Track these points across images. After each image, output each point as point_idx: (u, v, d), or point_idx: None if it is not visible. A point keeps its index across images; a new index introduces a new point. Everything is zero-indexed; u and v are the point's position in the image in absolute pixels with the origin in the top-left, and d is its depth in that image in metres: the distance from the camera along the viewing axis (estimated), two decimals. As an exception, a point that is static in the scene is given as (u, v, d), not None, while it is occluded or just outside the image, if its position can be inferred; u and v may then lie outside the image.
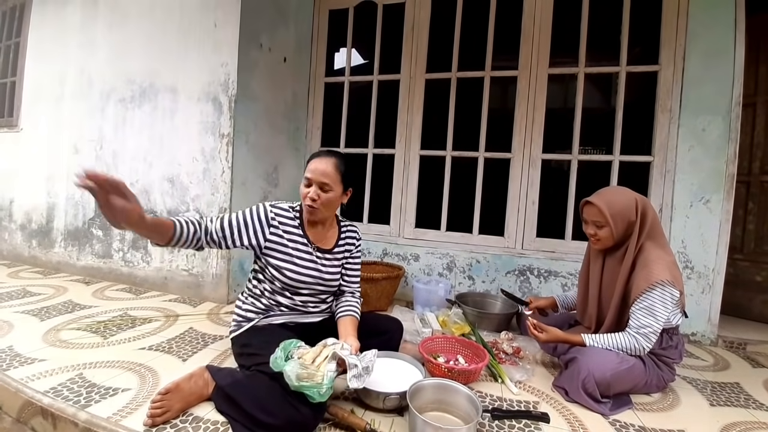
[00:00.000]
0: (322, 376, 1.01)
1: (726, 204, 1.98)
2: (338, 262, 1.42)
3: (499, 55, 2.46)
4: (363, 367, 1.07)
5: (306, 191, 1.29)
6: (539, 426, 1.17)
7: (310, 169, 1.28)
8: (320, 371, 1.02)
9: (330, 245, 1.40)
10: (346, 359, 1.07)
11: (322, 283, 1.37)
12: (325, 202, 1.28)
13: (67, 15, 2.73)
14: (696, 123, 2.03)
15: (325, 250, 1.38)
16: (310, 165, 1.30)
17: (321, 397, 0.99)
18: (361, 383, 1.06)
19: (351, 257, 1.46)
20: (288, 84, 2.65)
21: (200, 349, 1.59)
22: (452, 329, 1.84)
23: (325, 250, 1.38)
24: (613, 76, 2.34)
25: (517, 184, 2.38)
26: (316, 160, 1.30)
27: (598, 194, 1.44)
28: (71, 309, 1.98)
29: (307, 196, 1.28)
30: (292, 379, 0.99)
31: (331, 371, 1.04)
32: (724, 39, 1.98)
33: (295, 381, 0.99)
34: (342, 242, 1.43)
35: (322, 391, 0.99)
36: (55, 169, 2.76)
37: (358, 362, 1.07)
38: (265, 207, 1.33)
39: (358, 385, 1.06)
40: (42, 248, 2.82)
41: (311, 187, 1.28)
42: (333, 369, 1.05)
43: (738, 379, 1.62)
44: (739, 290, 2.30)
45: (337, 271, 1.41)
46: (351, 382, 1.05)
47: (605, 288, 1.47)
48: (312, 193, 1.27)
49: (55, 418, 1.11)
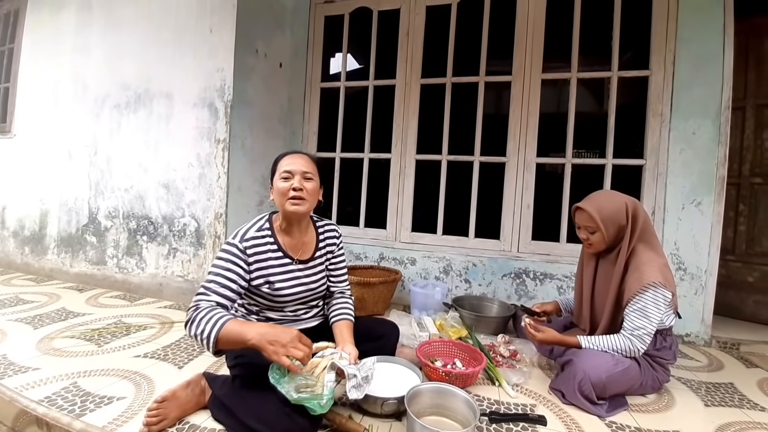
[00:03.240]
0: (322, 386, 1.00)
1: (717, 206, 2.01)
2: (322, 266, 1.36)
3: (493, 60, 2.49)
4: (362, 377, 1.06)
5: (287, 185, 1.20)
6: (536, 429, 1.18)
7: (286, 164, 1.23)
8: (320, 382, 1.00)
9: (310, 253, 1.33)
10: (345, 370, 1.04)
11: (310, 293, 1.32)
12: (311, 192, 1.22)
13: (62, 20, 2.73)
14: (686, 126, 2.06)
15: (306, 260, 1.31)
16: (283, 162, 1.24)
17: (322, 408, 0.98)
18: (361, 393, 1.05)
19: (334, 257, 1.41)
20: (284, 89, 2.65)
21: (196, 356, 1.58)
22: (449, 333, 1.85)
23: (306, 260, 1.31)
24: (605, 80, 2.38)
25: (512, 188, 2.40)
26: (289, 156, 1.26)
27: (588, 199, 1.45)
28: (65, 317, 1.96)
29: (289, 190, 1.19)
30: (292, 393, 0.97)
31: (331, 381, 1.02)
32: (713, 44, 2.01)
33: (295, 394, 0.97)
34: (322, 245, 1.37)
35: (322, 402, 0.98)
36: (49, 175, 2.74)
37: (357, 372, 1.05)
38: (237, 247, 1.18)
39: (358, 395, 1.05)
40: (35, 255, 2.79)
41: (293, 179, 1.20)
42: (332, 379, 1.03)
43: (732, 379, 1.64)
44: (731, 291, 2.33)
45: (322, 276, 1.36)
46: (350, 393, 1.04)
47: (599, 290, 1.49)
48: (296, 183, 1.19)
49: (50, 427, 1.10)
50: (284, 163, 1.24)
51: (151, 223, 2.40)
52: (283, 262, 1.26)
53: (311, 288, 1.32)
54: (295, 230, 1.29)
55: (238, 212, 2.26)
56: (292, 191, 1.19)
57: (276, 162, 1.28)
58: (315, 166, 1.27)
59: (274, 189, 1.25)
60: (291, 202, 1.20)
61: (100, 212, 2.56)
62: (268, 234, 1.26)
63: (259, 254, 1.22)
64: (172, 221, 2.34)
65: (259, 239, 1.23)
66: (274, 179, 1.26)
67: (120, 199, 2.49)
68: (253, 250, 1.21)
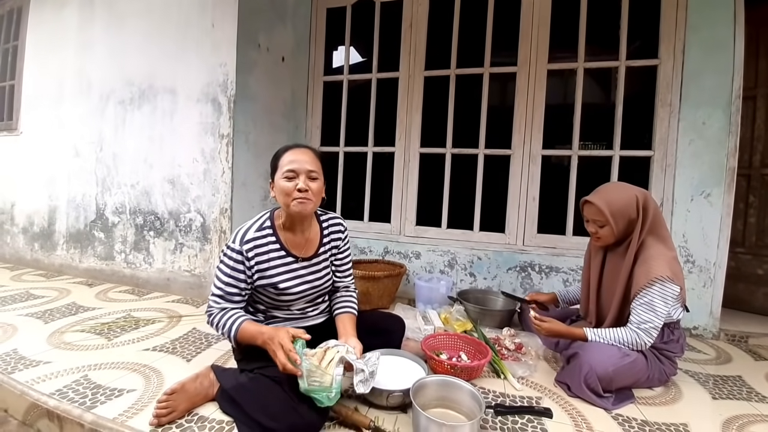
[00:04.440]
0: (331, 379, 1.01)
1: (727, 197, 1.97)
2: (326, 263, 1.33)
3: (497, 51, 2.45)
4: (369, 371, 1.07)
5: (291, 185, 1.14)
6: (542, 421, 1.18)
7: (289, 161, 1.16)
8: (328, 374, 1.01)
9: (313, 249, 1.29)
10: (354, 364, 1.06)
11: (315, 290, 1.30)
12: (316, 192, 1.18)
13: (65, 17, 2.73)
14: (696, 116, 2.02)
15: (309, 257, 1.28)
16: (285, 158, 1.17)
17: (330, 401, 0.99)
18: (368, 388, 1.07)
19: (339, 252, 1.37)
20: (287, 83, 2.64)
21: (204, 349, 1.60)
22: (454, 326, 1.85)
23: (309, 257, 1.28)
24: (612, 70, 2.34)
25: (518, 181, 2.37)
26: (292, 151, 1.19)
27: (597, 192, 1.42)
28: (75, 311, 1.99)
29: (294, 190, 1.14)
30: (304, 380, 0.98)
31: (339, 375, 1.03)
32: (724, 31, 1.96)
33: (307, 384, 0.98)
34: (326, 240, 1.32)
35: (331, 395, 0.99)
36: (56, 172, 2.77)
37: (365, 367, 1.07)
38: (237, 251, 1.17)
39: (365, 390, 1.06)
40: (44, 251, 2.83)
41: (298, 179, 1.15)
42: (340, 373, 1.04)
43: (740, 372, 1.62)
44: (740, 283, 2.30)
45: (327, 273, 1.33)
46: (358, 387, 1.06)
47: (606, 283, 1.47)
48: (301, 183, 1.14)
49: (61, 419, 1.12)
50: (287, 160, 1.17)
51: (158, 219, 2.42)
52: (286, 261, 1.24)
53: (316, 285, 1.30)
54: (298, 228, 1.26)
55: (242, 207, 2.26)
56: (296, 192, 1.14)
57: (277, 156, 1.21)
58: (319, 162, 1.22)
59: (277, 187, 1.18)
60: (297, 203, 1.15)
61: (107, 208, 2.58)
62: (269, 233, 1.23)
63: (261, 255, 1.20)
64: (178, 216, 2.35)
65: (261, 239, 1.21)
66: (275, 176, 1.19)
67: (126, 195, 2.51)
68: (255, 251, 1.19)
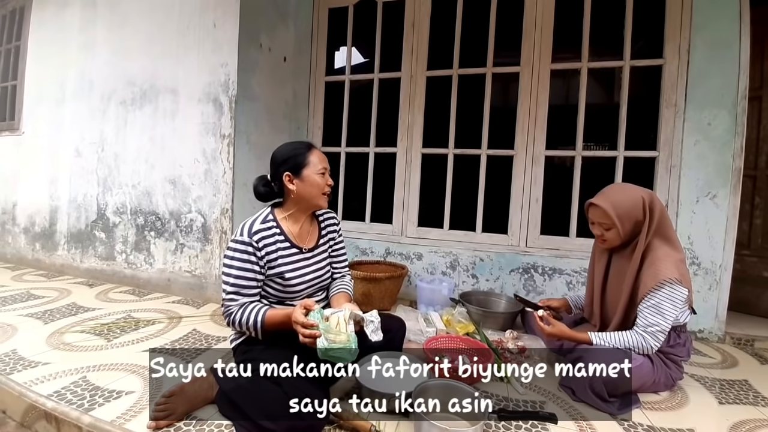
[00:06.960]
0: (347, 335, 1.07)
1: (733, 199, 1.95)
2: (325, 254, 1.42)
3: (500, 51, 2.44)
4: (378, 321, 1.16)
5: (324, 180, 1.30)
6: (546, 426, 1.16)
7: (319, 159, 1.30)
8: (343, 333, 1.07)
9: (314, 241, 1.39)
10: (364, 317, 1.15)
11: (317, 280, 1.37)
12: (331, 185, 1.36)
13: (67, 17, 2.73)
14: (701, 117, 2.00)
15: (311, 248, 1.37)
16: (315, 157, 1.30)
17: (352, 356, 1.07)
18: (380, 336, 1.15)
19: (335, 243, 1.47)
20: (288, 83, 2.63)
21: (204, 350, 1.59)
22: (456, 328, 1.83)
23: (311, 248, 1.37)
24: (616, 70, 2.32)
25: (521, 182, 2.36)
26: (317, 152, 1.32)
27: (603, 194, 1.40)
28: (75, 312, 1.98)
29: (326, 185, 1.31)
30: (324, 343, 1.04)
31: (353, 331, 1.10)
32: (730, 31, 1.94)
33: (327, 343, 1.04)
34: (324, 232, 1.43)
35: (352, 349, 1.06)
36: (58, 172, 2.77)
37: (373, 318, 1.16)
38: (246, 242, 1.21)
39: (378, 337, 1.15)
40: (45, 251, 2.83)
41: (326, 176, 1.31)
42: (353, 329, 1.11)
43: (746, 376, 1.60)
44: (746, 286, 2.27)
45: (327, 264, 1.42)
46: (372, 336, 1.14)
47: (611, 286, 1.45)
48: (329, 180, 1.32)
49: (59, 421, 1.11)
50: (317, 158, 1.29)
51: (159, 219, 2.41)
52: (292, 252, 1.30)
53: (318, 276, 1.37)
54: (302, 221, 1.35)
55: (243, 208, 2.25)
56: (327, 187, 1.31)
57: (302, 154, 1.29)
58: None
59: (308, 181, 1.27)
60: (325, 197, 1.32)
61: (108, 208, 2.58)
62: (273, 225, 1.29)
63: (269, 245, 1.25)
64: (179, 217, 2.35)
65: (266, 231, 1.26)
66: (303, 172, 1.27)
67: (127, 195, 2.51)
68: (263, 242, 1.24)
